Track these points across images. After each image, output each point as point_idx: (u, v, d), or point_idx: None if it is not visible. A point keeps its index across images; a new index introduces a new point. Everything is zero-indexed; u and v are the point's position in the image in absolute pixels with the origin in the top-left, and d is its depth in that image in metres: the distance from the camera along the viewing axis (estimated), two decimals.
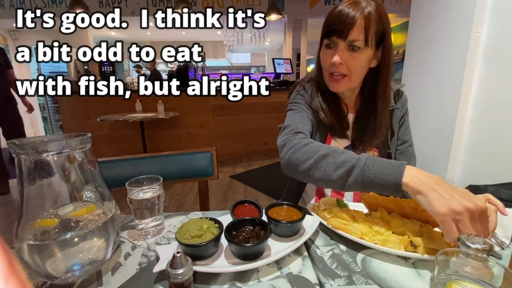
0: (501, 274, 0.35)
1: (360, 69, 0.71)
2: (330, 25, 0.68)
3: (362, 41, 0.67)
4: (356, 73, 0.71)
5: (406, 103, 0.86)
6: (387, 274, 0.47)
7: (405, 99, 0.86)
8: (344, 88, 0.74)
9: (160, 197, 0.62)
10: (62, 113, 3.67)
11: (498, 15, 1.12)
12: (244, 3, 4.69)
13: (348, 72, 0.70)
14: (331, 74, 0.72)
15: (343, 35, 0.67)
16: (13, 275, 0.15)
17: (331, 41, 0.69)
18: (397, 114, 0.84)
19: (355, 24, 0.65)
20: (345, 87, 0.73)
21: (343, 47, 0.68)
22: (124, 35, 6.89)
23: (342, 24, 0.66)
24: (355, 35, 0.66)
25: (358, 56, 0.69)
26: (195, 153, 1.06)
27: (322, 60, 0.73)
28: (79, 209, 0.48)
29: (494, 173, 1.15)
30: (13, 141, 0.40)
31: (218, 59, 8.23)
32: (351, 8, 0.66)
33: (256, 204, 0.65)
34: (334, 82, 0.73)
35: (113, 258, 0.53)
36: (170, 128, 3.57)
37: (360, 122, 0.80)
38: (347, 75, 0.71)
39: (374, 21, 0.66)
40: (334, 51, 0.70)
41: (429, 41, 1.43)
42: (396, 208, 0.61)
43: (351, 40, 0.67)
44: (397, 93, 0.83)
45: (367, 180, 0.53)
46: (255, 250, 0.50)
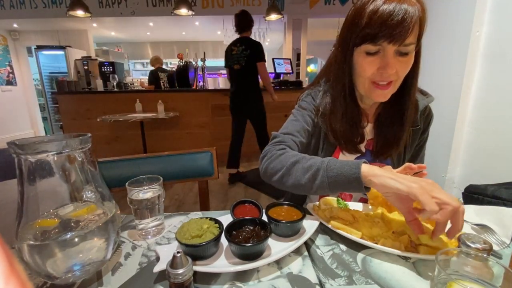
0: (502, 273, 0.35)
1: (405, 74, 0.62)
2: (378, 27, 0.55)
3: (414, 44, 0.57)
4: (401, 79, 0.62)
5: (431, 120, 0.77)
6: (387, 274, 0.47)
7: (432, 116, 0.76)
8: (388, 97, 0.65)
9: (160, 197, 0.62)
10: (62, 113, 3.66)
11: (498, 15, 1.12)
12: (244, 3, 4.69)
13: (395, 79, 0.61)
14: (374, 82, 0.62)
15: (398, 39, 0.54)
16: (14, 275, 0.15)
17: (378, 46, 0.58)
18: (418, 132, 0.75)
19: (413, 26, 0.54)
20: (390, 94, 0.64)
21: (392, 53, 0.57)
22: (124, 35, 6.89)
23: (397, 26, 0.53)
24: (412, 38, 0.56)
25: (407, 61, 0.59)
26: (195, 153, 1.06)
27: (363, 68, 0.61)
28: (79, 209, 0.48)
29: (494, 173, 1.15)
30: (13, 141, 0.40)
31: (218, 59, 8.22)
32: (405, 4, 0.53)
33: (256, 204, 0.65)
34: (380, 90, 0.62)
35: (113, 258, 0.53)
36: (170, 128, 3.57)
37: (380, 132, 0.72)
38: (392, 81, 0.61)
39: (425, 19, 0.57)
40: (380, 57, 0.59)
41: (429, 41, 1.43)
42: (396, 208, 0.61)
43: (406, 44, 0.56)
44: (424, 111, 0.73)
45: (331, 179, 0.54)
46: (255, 250, 0.50)
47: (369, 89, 0.64)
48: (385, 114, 0.72)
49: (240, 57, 2.54)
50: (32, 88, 5.92)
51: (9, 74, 5.42)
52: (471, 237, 0.43)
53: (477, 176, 1.23)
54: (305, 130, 0.72)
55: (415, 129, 0.74)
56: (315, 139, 0.76)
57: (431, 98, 0.75)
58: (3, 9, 4.55)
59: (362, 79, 0.64)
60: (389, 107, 0.71)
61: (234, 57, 2.57)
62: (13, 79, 5.50)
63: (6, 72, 5.35)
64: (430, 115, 0.76)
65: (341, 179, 0.53)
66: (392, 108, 0.70)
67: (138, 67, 8.32)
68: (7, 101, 5.35)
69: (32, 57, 5.69)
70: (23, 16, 4.60)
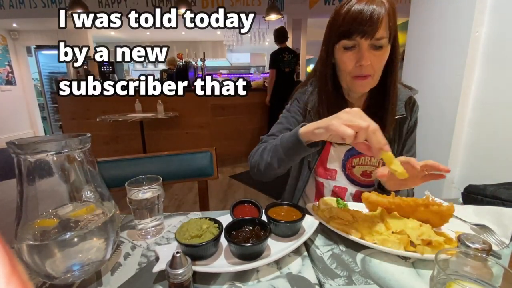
0: (501, 273, 0.35)
1: (382, 67, 0.70)
2: (351, 24, 0.63)
3: (387, 38, 0.64)
4: (379, 71, 0.70)
5: (417, 112, 0.83)
6: (387, 274, 0.47)
7: (417, 107, 0.82)
8: (368, 88, 0.72)
9: (159, 197, 0.62)
10: (61, 113, 3.66)
11: (498, 15, 1.12)
12: (243, 3, 4.69)
13: (372, 72, 0.68)
14: (354, 75, 0.70)
15: (369, 34, 0.62)
16: (15, 274, 0.15)
17: (353, 41, 0.65)
18: (406, 123, 0.81)
19: (381, 21, 0.62)
20: (370, 86, 0.71)
21: (366, 47, 0.65)
22: (124, 35, 6.89)
23: (366, 23, 0.61)
24: (382, 33, 0.63)
25: (381, 55, 0.67)
26: (195, 153, 1.05)
27: (344, 63, 0.69)
28: (78, 209, 0.48)
29: (494, 173, 1.15)
30: (13, 141, 0.40)
31: (217, 59, 8.22)
32: (373, 4, 0.62)
33: (256, 204, 0.65)
34: (359, 81, 0.69)
35: (113, 258, 0.53)
36: (170, 128, 3.57)
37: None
38: (370, 75, 0.68)
39: (394, 16, 0.64)
40: (356, 52, 0.66)
41: (429, 41, 1.43)
42: (396, 208, 0.61)
43: (377, 38, 0.63)
44: (409, 101, 0.79)
45: (284, 148, 0.65)
46: (254, 250, 0.50)
47: (350, 82, 0.72)
48: (370, 106, 0.78)
49: (291, 62, 3.44)
50: (31, 88, 5.92)
51: (8, 73, 5.42)
52: (470, 237, 0.43)
53: (477, 176, 1.23)
54: (288, 129, 0.79)
55: (401, 119, 0.79)
56: None
57: (415, 91, 0.81)
58: (2, 8, 4.54)
59: (344, 73, 0.71)
60: (373, 99, 0.78)
61: (286, 63, 3.42)
62: (12, 79, 5.49)
63: (5, 72, 5.34)
64: (415, 105, 0.82)
65: (288, 144, 0.63)
66: (376, 100, 0.77)
67: (137, 67, 8.32)
68: (7, 101, 5.34)
69: (31, 56, 5.69)
70: (22, 16, 4.60)
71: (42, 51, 5.39)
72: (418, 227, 0.55)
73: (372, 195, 0.64)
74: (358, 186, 0.83)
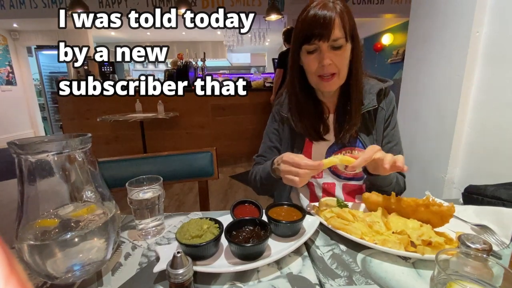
0: (501, 274, 0.35)
1: (346, 64, 0.75)
2: (308, 30, 0.70)
3: (343, 38, 0.69)
4: (343, 69, 0.74)
5: (392, 103, 0.86)
6: (387, 274, 0.47)
7: (392, 98, 0.86)
8: (336, 86, 0.77)
9: (160, 197, 0.62)
10: (62, 113, 3.66)
11: (498, 15, 1.12)
12: (244, 3, 4.68)
13: (336, 70, 0.73)
14: (320, 76, 0.74)
15: (326, 36, 0.68)
16: (13, 275, 0.15)
17: (313, 45, 0.71)
18: (381, 114, 0.83)
19: (334, 24, 0.68)
20: (336, 84, 0.76)
21: (326, 48, 0.70)
22: (124, 35, 6.89)
23: (321, 27, 0.68)
24: (336, 34, 0.68)
25: (342, 53, 0.72)
26: (195, 153, 1.06)
27: (308, 65, 0.75)
28: (79, 209, 0.48)
29: (494, 173, 1.15)
30: (13, 141, 0.40)
31: (218, 59, 8.21)
32: (325, 10, 0.68)
33: (256, 204, 0.65)
34: (325, 82, 0.75)
35: (113, 258, 0.53)
36: (170, 128, 3.57)
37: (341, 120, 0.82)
38: (335, 73, 0.74)
39: (347, 17, 0.70)
40: (318, 54, 0.72)
41: (429, 41, 1.43)
42: (396, 208, 0.61)
43: (334, 39, 0.69)
44: (381, 92, 0.82)
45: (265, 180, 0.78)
46: (255, 250, 0.50)
47: (317, 83, 0.77)
48: (341, 102, 0.83)
49: None
50: (32, 88, 5.92)
51: (9, 74, 5.41)
52: (470, 237, 0.43)
53: (477, 177, 1.23)
54: (271, 147, 0.92)
55: (374, 110, 0.82)
56: (285, 141, 0.89)
57: (389, 82, 0.85)
58: (3, 9, 4.54)
59: (310, 75, 0.77)
60: (343, 96, 0.82)
61: None
62: (13, 79, 5.49)
63: (6, 72, 5.34)
64: (390, 96, 0.86)
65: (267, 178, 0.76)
66: (345, 96, 0.82)
67: (138, 67, 8.32)
68: (7, 101, 5.34)
69: (32, 57, 5.69)
70: (23, 16, 4.59)
71: (43, 51, 5.39)
72: (419, 227, 0.55)
73: (373, 195, 0.64)
74: (345, 180, 0.84)
